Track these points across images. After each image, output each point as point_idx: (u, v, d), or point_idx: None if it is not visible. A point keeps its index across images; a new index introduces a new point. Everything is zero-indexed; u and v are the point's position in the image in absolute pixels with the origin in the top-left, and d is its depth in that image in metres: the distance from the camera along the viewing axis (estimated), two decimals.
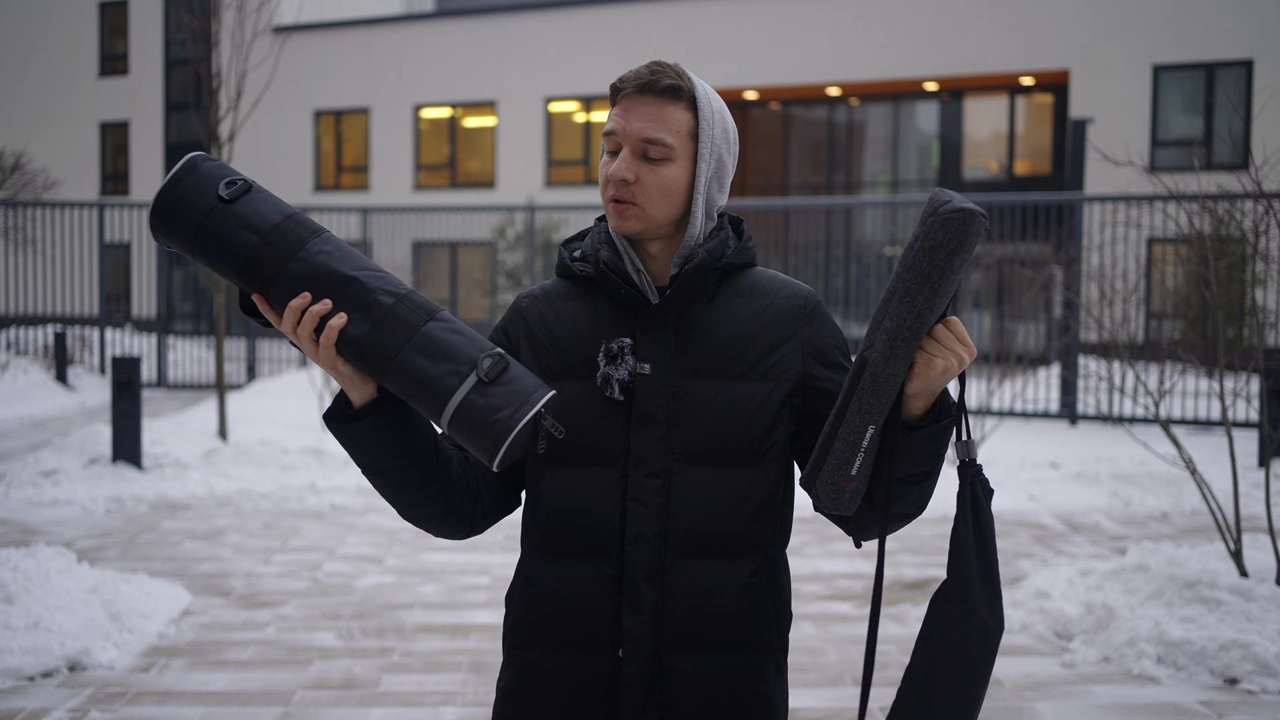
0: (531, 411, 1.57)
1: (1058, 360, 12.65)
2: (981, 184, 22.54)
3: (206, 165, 1.64)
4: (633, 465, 1.69)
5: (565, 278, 1.82)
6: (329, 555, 6.49)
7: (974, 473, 1.64)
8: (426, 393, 1.58)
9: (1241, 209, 7.96)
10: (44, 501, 7.79)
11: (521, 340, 1.78)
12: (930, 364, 1.56)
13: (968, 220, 1.50)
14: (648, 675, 1.69)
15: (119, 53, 28.45)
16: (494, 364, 1.58)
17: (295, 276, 1.61)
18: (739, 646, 1.72)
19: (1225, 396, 5.49)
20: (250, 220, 1.61)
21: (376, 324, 1.60)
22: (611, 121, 1.71)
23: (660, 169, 1.70)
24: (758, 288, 1.77)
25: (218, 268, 1.62)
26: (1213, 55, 19.28)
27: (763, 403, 1.70)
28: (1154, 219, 11.59)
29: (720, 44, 22.54)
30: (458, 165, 25.58)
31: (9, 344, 15.85)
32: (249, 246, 1.61)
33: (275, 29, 20.82)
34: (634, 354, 1.70)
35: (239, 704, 4.21)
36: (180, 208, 1.62)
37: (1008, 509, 7.78)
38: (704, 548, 1.69)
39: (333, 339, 1.59)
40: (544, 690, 1.74)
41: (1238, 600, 4.70)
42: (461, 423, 1.57)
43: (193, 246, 1.62)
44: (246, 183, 1.64)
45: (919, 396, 1.59)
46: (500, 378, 1.58)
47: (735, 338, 1.72)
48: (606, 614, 1.70)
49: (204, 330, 22.18)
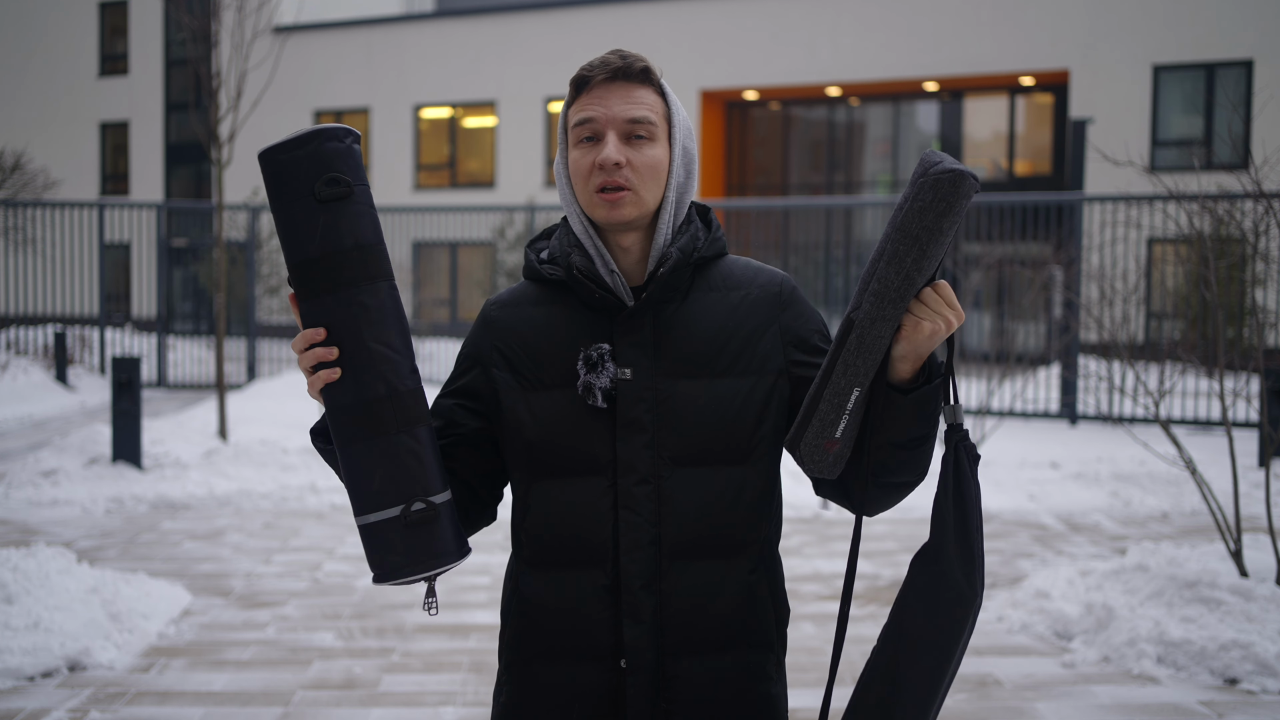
0: (421, 576, 1.63)
1: (1058, 360, 12.65)
2: (981, 184, 22.51)
3: (328, 146, 1.61)
4: (621, 473, 1.66)
5: (534, 280, 1.78)
6: (329, 555, 6.49)
7: (959, 438, 1.61)
8: (355, 490, 1.63)
9: (1241, 209, 7.96)
10: (44, 501, 7.79)
11: (493, 355, 1.74)
12: (918, 327, 1.54)
13: (958, 181, 1.49)
14: (652, 683, 1.68)
15: (119, 53, 28.45)
16: (421, 513, 1.61)
17: (326, 309, 1.61)
18: (740, 646, 1.70)
19: (1225, 396, 5.49)
20: (324, 231, 1.60)
21: (357, 404, 1.61)
22: (586, 110, 1.67)
23: (647, 149, 1.67)
24: (731, 279, 1.74)
25: (280, 241, 1.64)
26: (1213, 55, 19.27)
27: (747, 398, 1.68)
28: (1154, 219, 11.59)
29: (720, 44, 22.54)
30: (458, 165, 25.58)
31: (9, 344, 15.85)
32: (308, 255, 1.60)
33: (275, 29, 20.82)
34: (614, 360, 1.67)
35: (239, 704, 4.21)
36: (281, 175, 1.61)
37: (1008, 509, 7.77)
38: (699, 551, 1.67)
39: (316, 388, 1.62)
40: (547, 704, 1.72)
41: (1238, 600, 4.70)
42: (366, 537, 1.64)
43: (273, 208, 1.63)
44: (349, 186, 1.60)
45: (905, 359, 1.57)
46: (419, 528, 1.61)
47: (714, 334, 1.69)
48: (605, 624, 1.68)
49: (204, 330, 22.19)
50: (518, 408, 1.70)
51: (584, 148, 1.68)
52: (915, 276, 1.52)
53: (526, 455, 1.71)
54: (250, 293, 16.09)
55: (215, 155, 9.70)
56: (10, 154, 15.93)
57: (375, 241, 1.62)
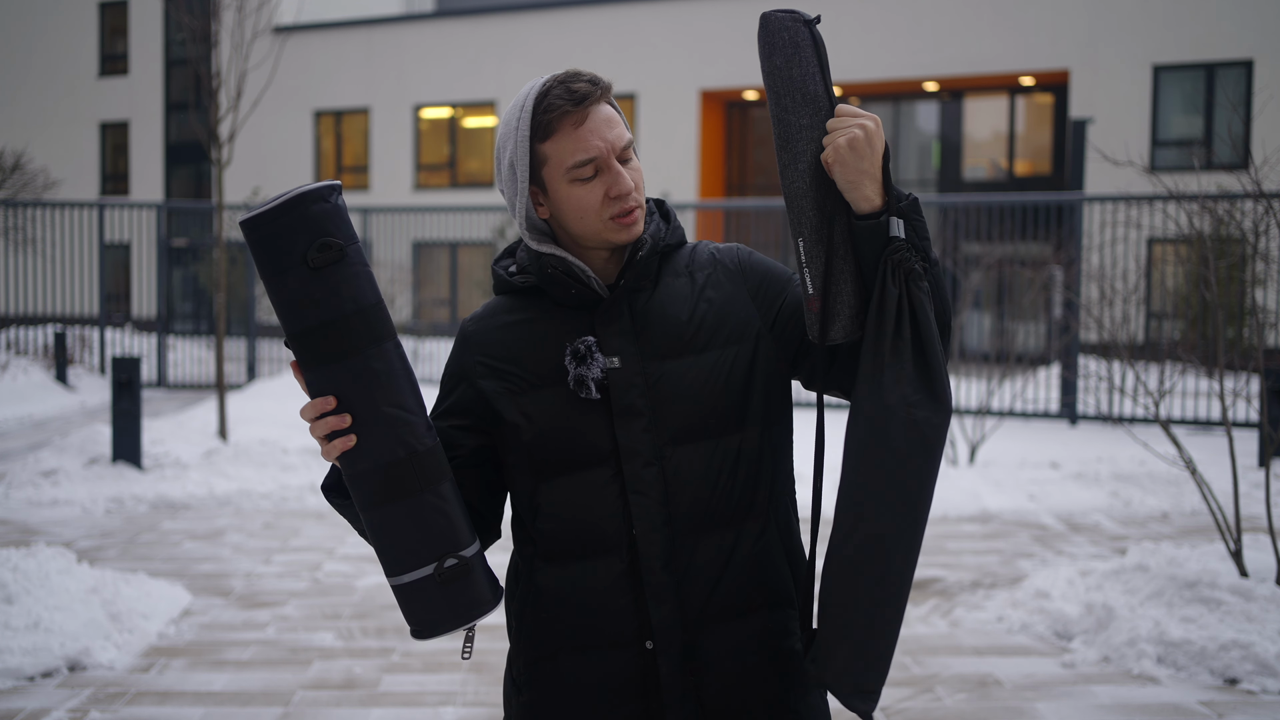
0: (460, 627, 1.64)
1: (1058, 360, 12.65)
2: (981, 184, 22.55)
3: (315, 209, 1.55)
4: (625, 459, 1.68)
5: (505, 294, 1.80)
6: (329, 555, 6.49)
7: (891, 251, 1.56)
8: (384, 552, 1.62)
9: (1241, 209, 7.96)
10: (44, 501, 7.79)
11: (477, 368, 1.75)
12: (836, 147, 1.54)
13: (762, 24, 1.58)
14: (680, 660, 1.69)
15: (119, 53, 28.45)
16: (454, 569, 1.61)
17: (334, 377, 1.57)
18: (761, 609, 1.72)
19: (1225, 396, 5.49)
20: (323, 300, 1.55)
21: (377, 469, 1.58)
22: (584, 150, 1.65)
23: (635, 162, 1.72)
24: (694, 262, 1.78)
25: (276, 312, 1.59)
26: (1213, 55, 19.27)
27: (733, 366, 1.71)
28: (1154, 219, 11.58)
29: (720, 44, 22.53)
30: (458, 165, 25.58)
31: (9, 344, 15.85)
32: (308, 324, 1.56)
33: (275, 29, 20.82)
34: (600, 350, 1.69)
35: (239, 704, 4.21)
36: (269, 246, 1.55)
37: (1008, 509, 7.77)
38: (709, 522, 1.70)
39: (332, 456, 1.60)
40: (576, 697, 1.73)
41: (1238, 600, 4.69)
42: (401, 597, 1.64)
43: (264, 279, 1.57)
44: (341, 249, 1.55)
45: (855, 186, 1.55)
46: (453, 583, 1.62)
47: (688, 314, 1.72)
48: (628, 610, 1.70)
49: (204, 330, 22.19)
50: (511, 412, 1.72)
51: (587, 185, 1.68)
52: (789, 118, 1.57)
53: (528, 457, 1.72)
54: (250, 293, 16.09)
55: (215, 155, 9.70)
56: (10, 154, 15.93)
57: (375, 301, 1.59)
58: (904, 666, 4.62)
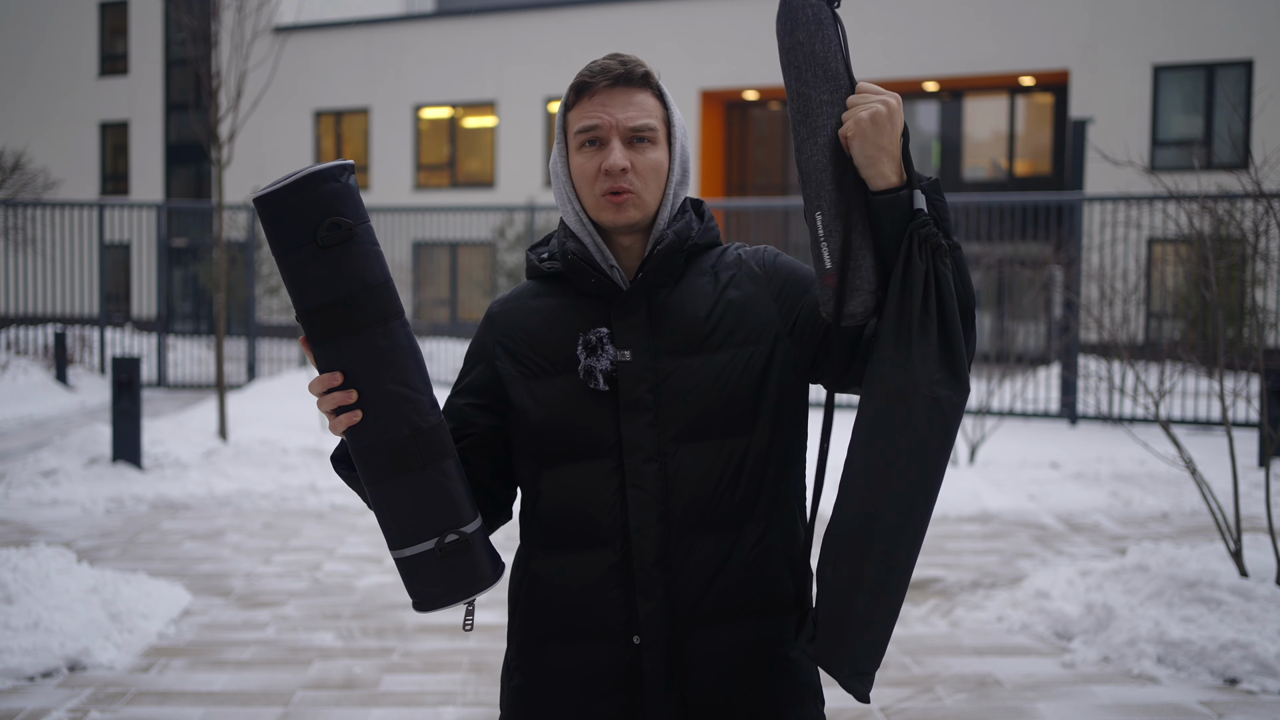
0: (459, 601, 1.67)
1: (1058, 360, 12.65)
2: (981, 184, 22.55)
3: (326, 189, 1.58)
4: (627, 453, 1.69)
5: (535, 279, 1.82)
6: (329, 555, 6.49)
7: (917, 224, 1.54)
8: (388, 526, 1.66)
9: (1241, 209, 7.96)
10: (44, 501, 7.79)
11: (496, 349, 1.78)
12: (858, 120, 1.53)
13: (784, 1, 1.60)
14: (666, 656, 1.70)
15: (119, 53, 28.44)
16: (455, 544, 1.64)
17: (342, 353, 1.61)
18: (755, 614, 1.72)
19: (1225, 396, 5.49)
20: (332, 278, 1.59)
21: (382, 445, 1.62)
22: (589, 117, 1.70)
23: (649, 152, 1.71)
24: (721, 262, 1.78)
25: (287, 289, 1.63)
26: (1213, 55, 19.27)
27: (746, 367, 1.70)
28: (1154, 219, 11.58)
29: (720, 44, 22.53)
30: (458, 165, 25.58)
31: (9, 344, 15.85)
32: (318, 302, 1.59)
33: (275, 29, 20.82)
34: (613, 342, 1.70)
35: (239, 704, 4.21)
36: (281, 223, 1.58)
37: (1008, 509, 7.78)
38: (707, 523, 1.70)
39: (338, 430, 1.63)
40: (561, 685, 1.74)
41: (1238, 600, 4.70)
42: (403, 569, 1.67)
43: (276, 256, 1.61)
44: (351, 228, 1.58)
45: (873, 162, 1.54)
46: (454, 558, 1.65)
47: (707, 311, 1.72)
48: (618, 603, 1.70)
49: (204, 330, 22.19)
50: (522, 396, 1.74)
51: (588, 152, 1.71)
52: (808, 92, 1.57)
53: (533, 442, 1.74)
54: (250, 293, 16.09)
55: (215, 155, 9.70)
56: (10, 154, 15.92)
57: (384, 280, 1.62)
58: (904, 666, 4.62)
